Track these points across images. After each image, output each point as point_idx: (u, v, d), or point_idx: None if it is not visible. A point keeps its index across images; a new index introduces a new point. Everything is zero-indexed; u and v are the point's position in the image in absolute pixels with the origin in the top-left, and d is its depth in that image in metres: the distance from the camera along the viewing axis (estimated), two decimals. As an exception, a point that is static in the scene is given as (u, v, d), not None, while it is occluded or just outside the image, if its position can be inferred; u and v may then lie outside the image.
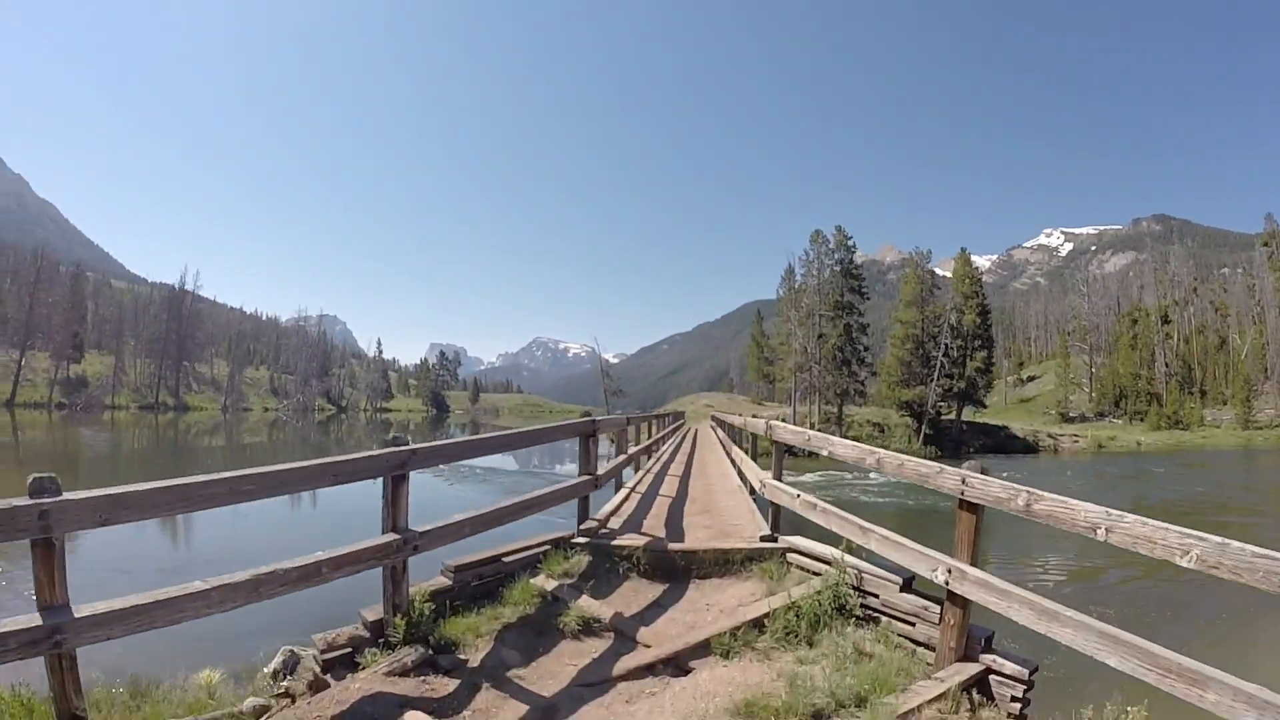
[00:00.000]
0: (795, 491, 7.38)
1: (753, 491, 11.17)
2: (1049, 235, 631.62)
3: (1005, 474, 5.39)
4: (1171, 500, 29.16)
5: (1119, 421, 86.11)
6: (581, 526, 7.98)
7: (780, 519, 7.82)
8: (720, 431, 27.91)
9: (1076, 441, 65.72)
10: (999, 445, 60.76)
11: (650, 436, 20.86)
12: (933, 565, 5.37)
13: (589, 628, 6.09)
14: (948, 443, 57.73)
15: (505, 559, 7.09)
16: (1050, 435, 66.04)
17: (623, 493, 11.21)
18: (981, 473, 5.16)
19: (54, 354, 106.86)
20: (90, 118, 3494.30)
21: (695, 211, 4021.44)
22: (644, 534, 8.00)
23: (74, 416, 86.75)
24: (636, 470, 15.65)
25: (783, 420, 9.15)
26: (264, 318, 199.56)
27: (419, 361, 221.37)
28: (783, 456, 8.24)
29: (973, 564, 5.17)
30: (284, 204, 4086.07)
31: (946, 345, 57.11)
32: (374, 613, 5.74)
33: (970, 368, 58.62)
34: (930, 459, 23.06)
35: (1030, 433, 65.55)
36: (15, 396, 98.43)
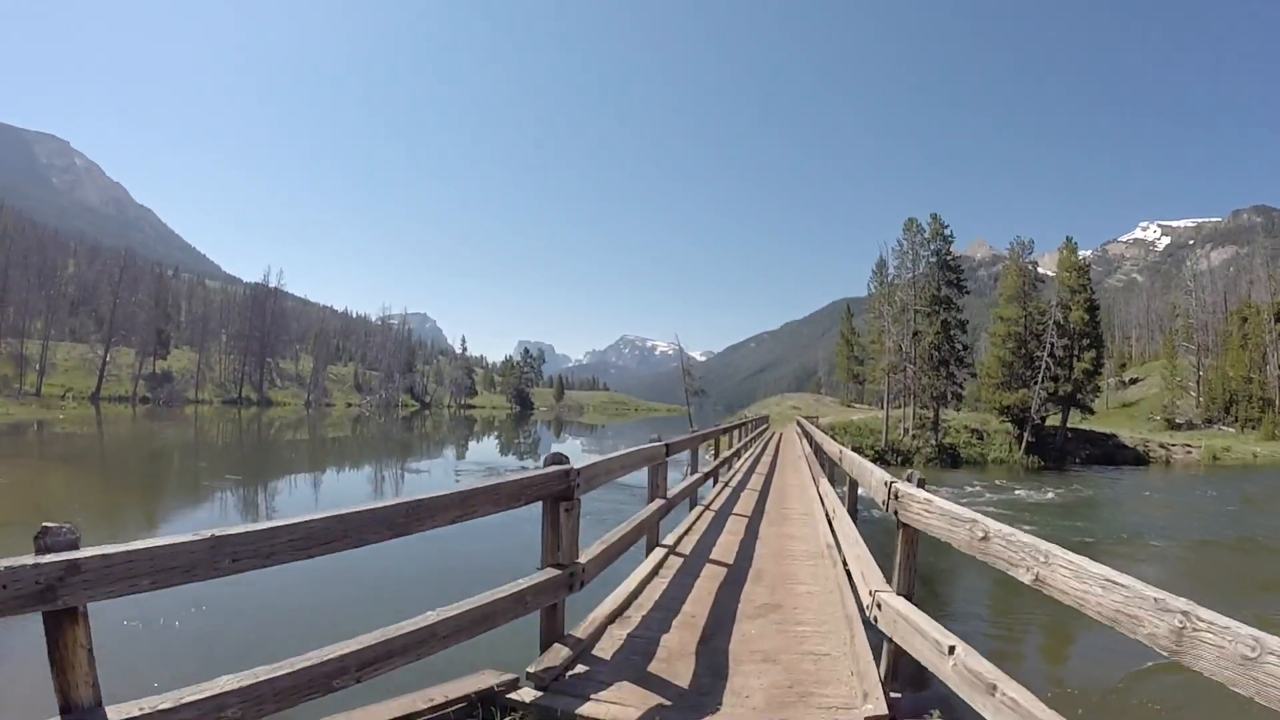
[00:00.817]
0: (946, 639, 3.59)
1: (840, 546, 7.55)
2: (1145, 229, 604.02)
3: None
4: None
5: (1230, 429, 78.38)
6: (535, 667, 4.35)
7: (902, 661, 4.15)
8: (807, 444, 23.97)
9: (1189, 453, 59.22)
10: (1106, 455, 54.94)
11: (716, 457, 16.48)
12: None
13: None
14: (1051, 452, 52.27)
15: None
16: (1162, 445, 59.75)
17: (653, 559, 7.53)
18: None
19: (139, 350, 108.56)
20: (188, 126, 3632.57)
21: (781, 208, 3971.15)
22: (650, 679, 4.39)
23: (155, 411, 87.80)
24: (692, 506, 11.71)
25: (900, 478, 4.72)
26: (353, 315, 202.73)
27: (504, 358, 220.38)
28: (914, 552, 4.46)
29: None
30: (381, 206, 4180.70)
31: (1052, 344, 51.65)
32: None
33: (1078, 369, 52.92)
34: (1033, 470, 25.46)
35: (1140, 442, 59.40)
36: (100, 390, 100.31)
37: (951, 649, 3.46)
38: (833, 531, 8.65)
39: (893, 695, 4.04)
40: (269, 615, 10.15)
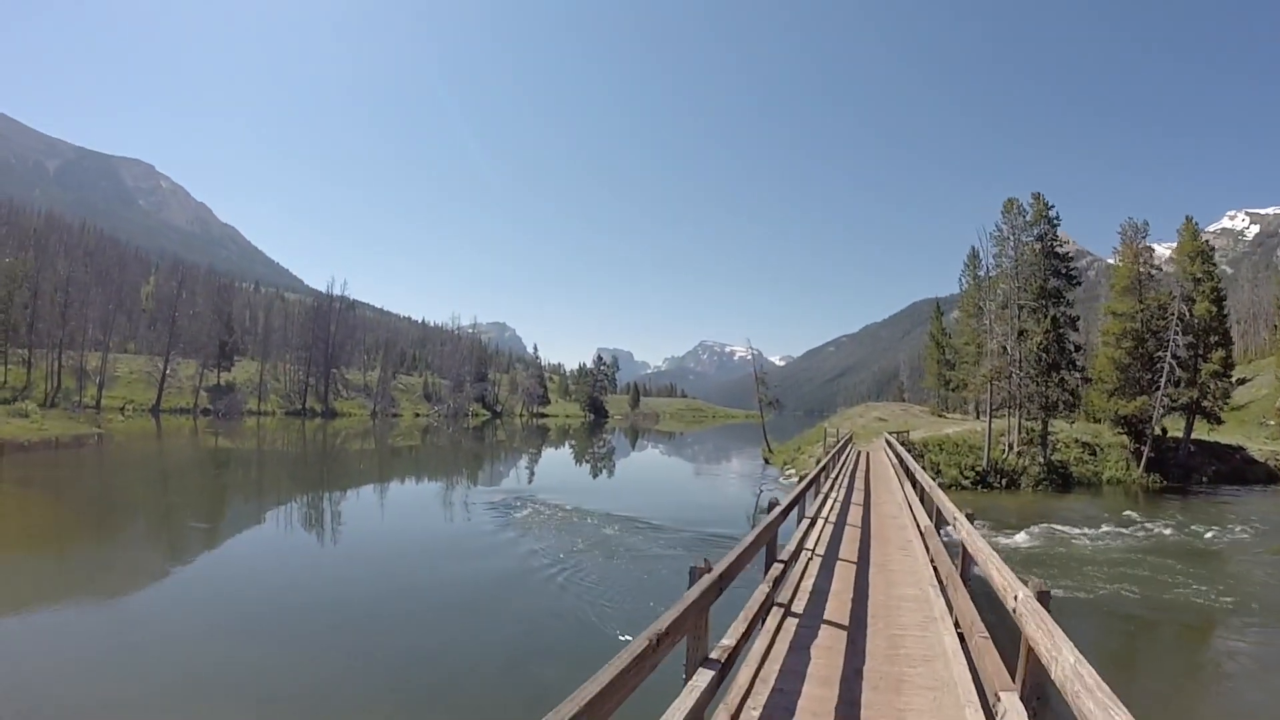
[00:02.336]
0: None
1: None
2: (1232, 218, 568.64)
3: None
4: None
5: (1353, 434, 68.41)
6: None
7: None
8: (906, 486, 17.64)
9: (1325, 466, 50.37)
10: (1235, 473, 46.79)
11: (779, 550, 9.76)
12: None
13: None
14: (1173, 469, 44.16)
15: None
16: (1295, 459, 50.97)
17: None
18: None
19: (200, 362, 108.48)
20: (272, 151, 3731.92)
21: (856, 211, 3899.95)
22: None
23: (214, 423, 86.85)
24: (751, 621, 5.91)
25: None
26: (431, 325, 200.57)
27: (578, 366, 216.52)
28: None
29: None
30: (463, 217, 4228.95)
31: (1175, 343, 44.11)
32: None
33: (1204, 371, 44.55)
34: (1154, 491, 22.12)
35: (1270, 455, 50.43)
36: (160, 403, 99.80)
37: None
38: None
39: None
40: None
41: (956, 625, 7.36)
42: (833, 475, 20.09)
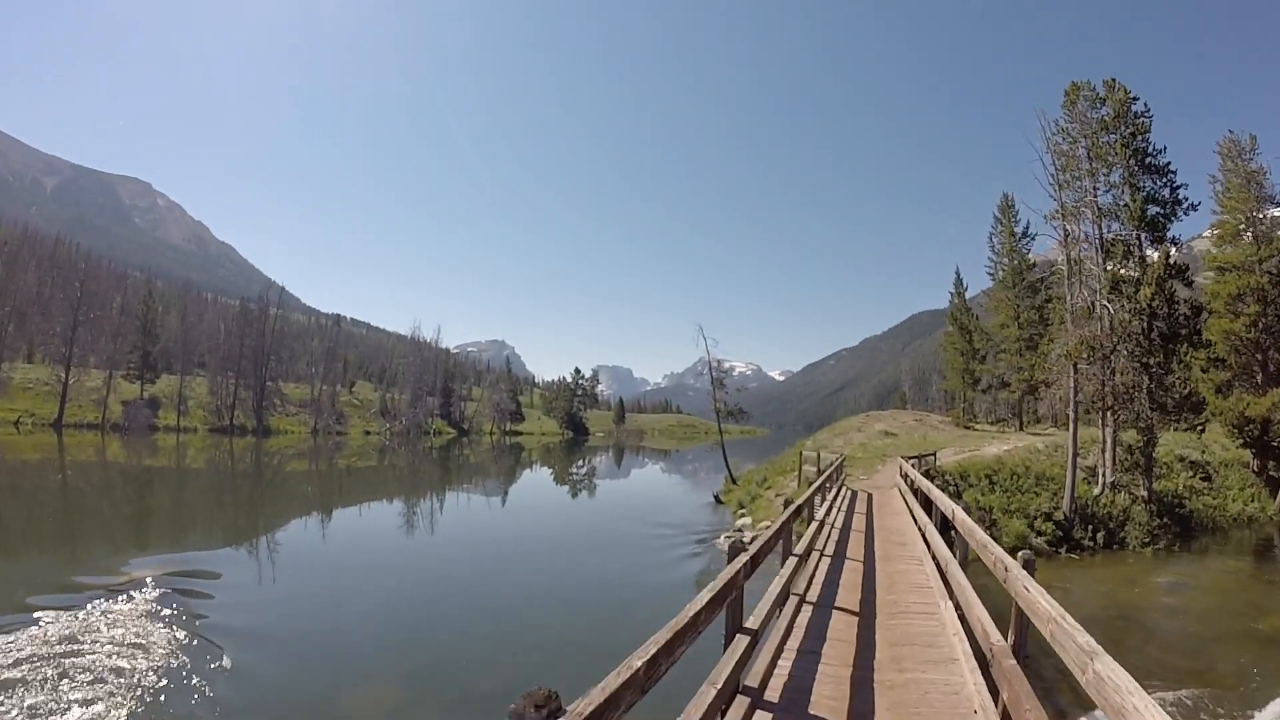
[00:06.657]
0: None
1: None
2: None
3: None
4: None
5: None
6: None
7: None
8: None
9: None
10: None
11: None
12: None
13: None
14: (1310, 495, 28.47)
15: None
16: None
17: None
18: None
19: (109, 372, 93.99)
20: (272, 169, 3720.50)
21: (859, 220, 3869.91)
22: None
23: (124, 439, 74.13)
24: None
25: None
26: (419, 341, 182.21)
27: (555, 379, 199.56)
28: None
29: None
30: (463, 236, 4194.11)
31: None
32: None
33: (1356, 350, 28.58)
34: None
35: None
36: (63, 416, 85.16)
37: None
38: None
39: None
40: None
41: None
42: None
